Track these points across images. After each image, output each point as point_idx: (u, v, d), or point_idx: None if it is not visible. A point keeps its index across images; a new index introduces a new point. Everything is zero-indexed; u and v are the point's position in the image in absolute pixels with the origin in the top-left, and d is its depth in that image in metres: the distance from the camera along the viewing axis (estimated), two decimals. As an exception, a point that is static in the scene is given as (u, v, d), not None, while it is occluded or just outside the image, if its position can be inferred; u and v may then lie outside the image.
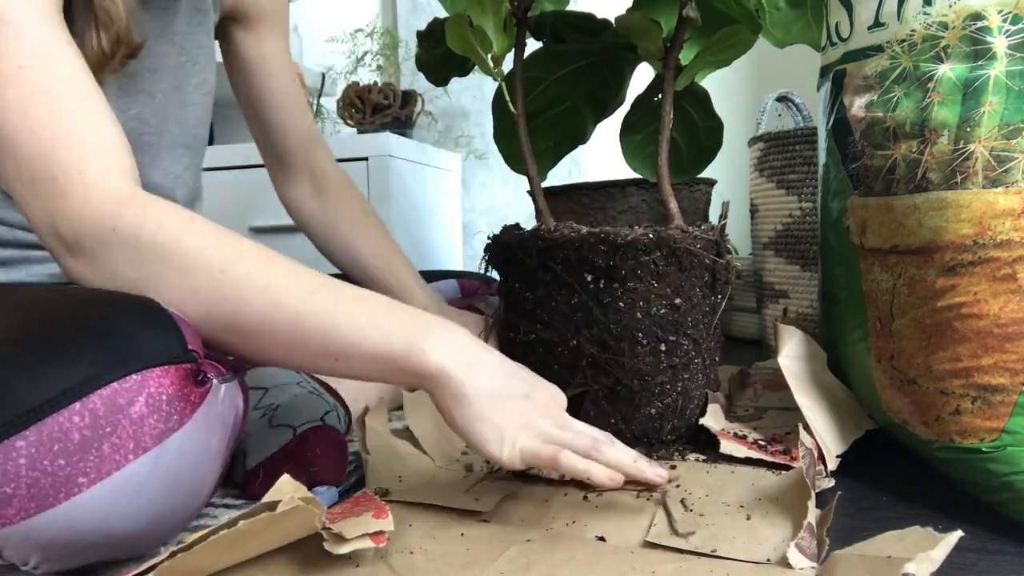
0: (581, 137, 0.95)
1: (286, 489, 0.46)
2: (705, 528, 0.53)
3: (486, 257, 0.81)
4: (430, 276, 1.07)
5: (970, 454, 0.55)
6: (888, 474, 0.65)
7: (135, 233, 0.50)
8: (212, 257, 0.51)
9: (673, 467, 0.67)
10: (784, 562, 0.47)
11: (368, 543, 0.46)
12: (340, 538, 0.46)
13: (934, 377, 0.57)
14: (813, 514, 0.51)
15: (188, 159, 0.85)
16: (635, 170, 0.92)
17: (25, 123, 0.51)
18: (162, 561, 0.41)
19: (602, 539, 0.53)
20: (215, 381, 0.50)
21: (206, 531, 0.43)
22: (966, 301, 0.54)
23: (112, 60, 0.65)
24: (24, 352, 0.45)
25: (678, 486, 0.62)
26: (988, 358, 0.54)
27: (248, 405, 0.56)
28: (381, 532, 0.47)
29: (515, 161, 0.93)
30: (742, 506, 0.57)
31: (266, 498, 0.45)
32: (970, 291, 0.54)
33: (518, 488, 0.62)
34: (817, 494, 0.55)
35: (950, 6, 0.55)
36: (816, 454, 0.62)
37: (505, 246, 0.79)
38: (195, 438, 0.48)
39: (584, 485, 0.62)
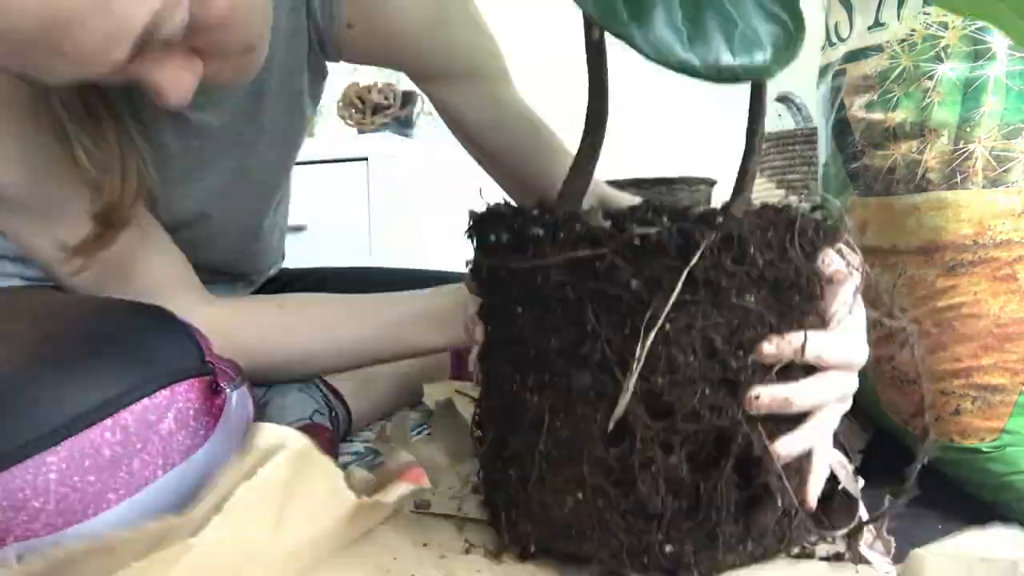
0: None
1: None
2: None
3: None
4: (439, 278, 1.05)
5: (970, 454, 0.55)
6: (888, 474, 0.65)
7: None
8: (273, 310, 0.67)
9: None
10: (860, 559, 0.45)
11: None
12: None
13: (934, 377, 0.57)
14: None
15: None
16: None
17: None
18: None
19: None
20: (228, 390, 0.50)
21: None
22: (966, 301, 0.54)
23: (107, 235, 0.55)
24: (52, 365, 0.44)
25: None
26: (988, 358, 0.54)
27: (256, 407, 0.56)
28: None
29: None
30: None
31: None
32: (970, 291, 0.54)
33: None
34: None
35: (950, 6, 0.55)
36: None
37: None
38: (217, 449, 0.48)
39: None
